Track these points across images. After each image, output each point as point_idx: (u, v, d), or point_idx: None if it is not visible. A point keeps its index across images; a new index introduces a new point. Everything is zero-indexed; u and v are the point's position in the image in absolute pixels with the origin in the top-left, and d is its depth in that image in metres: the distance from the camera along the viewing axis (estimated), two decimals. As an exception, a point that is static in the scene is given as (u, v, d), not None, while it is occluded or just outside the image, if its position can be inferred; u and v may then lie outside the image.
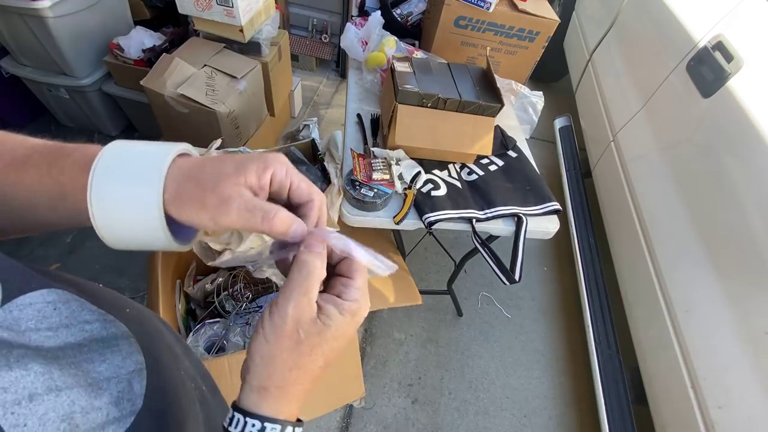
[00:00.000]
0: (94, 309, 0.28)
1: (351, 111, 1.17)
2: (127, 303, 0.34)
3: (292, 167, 0.31)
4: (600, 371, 1.25)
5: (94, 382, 0.24)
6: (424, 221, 0.91)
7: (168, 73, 1.38)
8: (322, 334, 0.30)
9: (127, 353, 0.28)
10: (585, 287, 1.44)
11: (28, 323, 0.23)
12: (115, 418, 0.24)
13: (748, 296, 0.92)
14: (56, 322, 0.25)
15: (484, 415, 1.37)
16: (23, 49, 1.51)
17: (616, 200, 1.48)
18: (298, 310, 0.29)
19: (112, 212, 0.27)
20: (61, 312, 0.26)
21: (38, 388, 0.21)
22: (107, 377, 0.25)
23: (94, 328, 0.27)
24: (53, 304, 0.25)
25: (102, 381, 0.25)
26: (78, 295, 0.28)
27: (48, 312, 0.25)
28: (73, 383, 0.23)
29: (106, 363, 0.26)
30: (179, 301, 1.05)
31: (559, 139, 2.00)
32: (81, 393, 0.23)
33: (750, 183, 0.97)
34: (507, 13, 1.20)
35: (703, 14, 1.31)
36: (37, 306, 0.24)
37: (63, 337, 0.25)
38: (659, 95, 1.37)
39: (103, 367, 0.26)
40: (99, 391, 0.24)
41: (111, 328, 0.28)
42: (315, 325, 0.29)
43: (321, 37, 2.35)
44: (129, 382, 0.27)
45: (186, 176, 0.28)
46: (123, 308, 0.32)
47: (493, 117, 1.00)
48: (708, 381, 0.94)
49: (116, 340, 0.28)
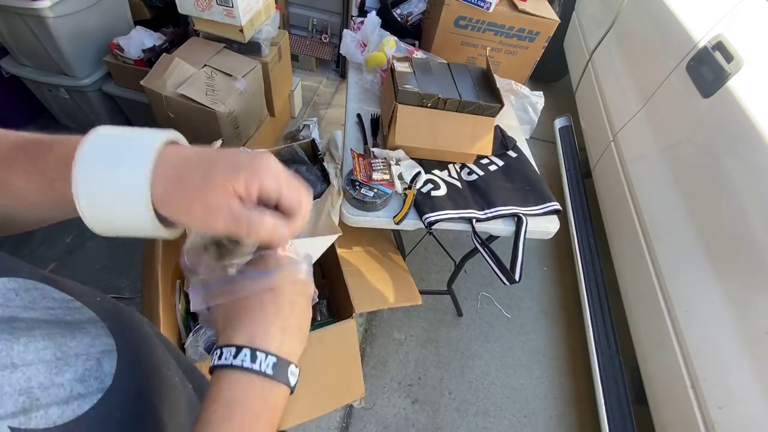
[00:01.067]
0: (58, 296, 0.28)
1: (351, 111, 1.17)
2: (99, 294, 0.34)
3: (283, 174, 0.30)
4: (600, 371, 1.25)
5: (63, 357, 0.25)
6: (424, 221, 0.91)
7: (168, 73, 1.38)
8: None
9: (95, 335, 0.28)
10: (585, 287, 1.44)
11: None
12: (80, 394, 0.25)
13: (748, 296, 0.92)
14: (20, 304, 0.25)
15: (484, 415, 1.37)
16: (23, 49, 1.51)
17: (616, 200, 1.48)
18: None
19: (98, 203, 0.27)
20: (23, 298, 0.26)
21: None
22: (77, 353, 0.26)
23: (57, 314, 0.27)
24: (14, 291, 0.26)
25: (71, 357, 0.25)
26: (43, 282, 0.28)
27: (11, 296, 0.25)
28: (33, 359, 0.23)
29: (75, 340, 0.27)
30: (179, 301, 1.05)
31: (559, 139, 2.00)
32: (40, 369, 0.23)
33: (750, 183, 0.97)
34: (507, 13, 1.20)
35: (703, 14, 1.31)
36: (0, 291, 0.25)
37: (32, 315, 0.25)
38: (659, 95, 1.37)
39: (73, 343, 0.26)
40: (64, 367, 0.25)
41: (76, 315, 0.29)
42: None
43: (321, 37, 2.35)
44: (98, 360, 0.27)
45: (174, 176, 0.27)
46: (93, 297, 0.32)
47: (493, 117, 1.00)
48: (708, 381, 0.94)
49: (82, 324, 0.28)
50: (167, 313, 0.95)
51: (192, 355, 0.97)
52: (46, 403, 0.23)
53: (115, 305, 0.35)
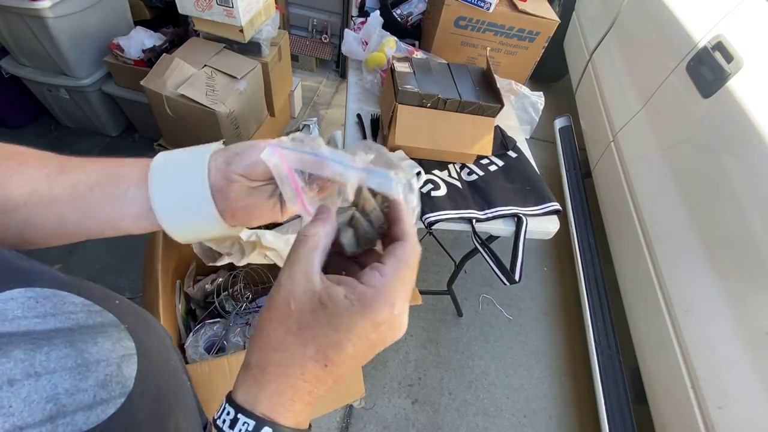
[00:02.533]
0: (78, 301, 0.29)
1: (351, 111, 1.17)
2: (117, 297, 0.34)
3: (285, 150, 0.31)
4: (600, 371, 1.25)
5: (84, 363, 0.25)
6: (424, 221, 0.91)
7: (168, 73, 1.38)
8: (316, 313, 0.25)
9: (117, 339, 0.28)
10: (585, 287, 1.44)
11: (15, 312, 0.24)
12: (103, 399, 0.25)
13: (748, 296, 0.92)
14: (42, 311, 0.26)
15: (484, 415, 1.37)
16: (23, 49, 1.51)
17: (616, 200, 1.48)
18: (291, 280, 0.26)
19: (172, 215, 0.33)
20: (44, 305, 0.26)
21: (17, 374, 0.21)
22: (97, 359, 0.26)
23: (79, 318, 0.27)
24: (34, 299, 0.26)
25: (91, 363, 0.25)
26: (60, 289, 0.28)
27: (30, 305, 0.25)
28: (56, 367, 0.23)
29: (97, 346, 0.27)
30: (179, 301, 1.05)
31: (559, 139, 2.00)
32: (64, 376, 0.23)
33: (750, 183, 0.97)
34: (507, 14, 1.20)
35: (703, 14, 1.31)
36: (20, 300, 0.25)
37: (53, 323, 0.26)
38: (659, 95, 1.37)
39: (94, 349, 0.26)
40: (87, 373, 0.25)
41: (97, 318, 0.29)
42: (310, 301, 0.25)
43: (321, 37, 2.35)
44: (118, 365, 0.27)
45: (230, 149, 0.34)
46: (112, 300, 0.32)
47: (493, 117, 1.00)
48: (708, 381, 0.94)
49: (104, 327, 0.29)
50: (167, 313, 0.95)
51: (192, 355, 0.97)
52: (72, 409, 0.23)
53: (133, 308, 0.35)
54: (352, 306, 0.25)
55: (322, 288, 0.25)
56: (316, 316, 0.25)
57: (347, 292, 0.25)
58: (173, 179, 0.33)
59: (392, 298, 0.25)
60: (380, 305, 0.25)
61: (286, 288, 0.26)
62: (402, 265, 0.26)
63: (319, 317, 0.25)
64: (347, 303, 0.25)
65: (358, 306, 0.25)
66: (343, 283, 0.26)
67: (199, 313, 1.11)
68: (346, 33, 1.30)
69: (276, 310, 0.26)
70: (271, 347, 0.26)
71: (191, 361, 0.94)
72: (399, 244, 0.28)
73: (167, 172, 0.33)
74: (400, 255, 0.27)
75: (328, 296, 0.25)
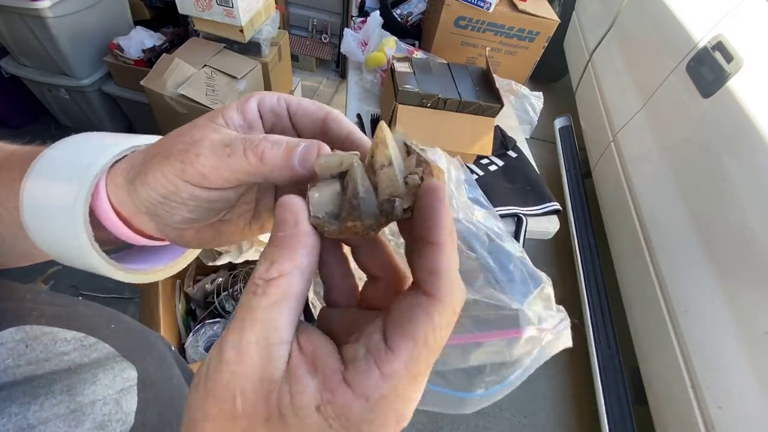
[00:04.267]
0: (70, 336, 0.27)
1: (351, 111, 1.17)
2: (112, 318, 0.32)
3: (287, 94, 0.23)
4: (600, 371, 1.25)
5: (78, 408, 0.24)
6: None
7: (168, 73, 1.39)
8: (273, 427, 0.15)
9: (117, 372, 0.28)
10: (585, 287, 1.44)
11: (6, 361, 0.23)
12: None
13: (748, 296, 0.92)
14: (34, 357, 0.24)
15: (484, 415, 1.37)
16: (23, 49, 1.51)
17: (616, 200, 1.48)
18: (240, 354, 0.15)
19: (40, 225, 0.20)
20: (35, 348, 0.25)
21: (10, 429, 0.21)
22: (92, 401, 0.25)
23: (73, 357, 0.26)
24: (23, 342, 0.24)
25: (86, 405, 0.25)
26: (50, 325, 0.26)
27: (21, 350, 0.24)
28: (49, 416, 0.23)
29: (96, 384, 0.26)
30: (179, 301, 1.05)
31: (559, 139, 2.00)
32: (58, 424, 0.23)
33: (750, 183, 0.97)
34: (507, 14, 1.20)
35: (703, 14, 1.31)
36: (9, 345, 0.24)
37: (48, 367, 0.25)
38: (659, 95, 1.37)
39: (90, 390, 0.25)
40: (81, 418, 0.24)
41: (93, 354, 0.27)
42: (264, 403, 0.15)
43: (321, 38, 2.35)
44: (117, 402, 0.26)
45: (143, 151, 0.21)
46: (107, 326, 0.30)
47: (493, 117, 1.00)
48: (708, 381, 0.94)
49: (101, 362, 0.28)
50: (167, 313, 0.96)
51: (192, 355, 0.97)
52: None
53: (129, 328, 0.33)
54: (329, 431, 0.14)
55: (284, 381, 0.15)
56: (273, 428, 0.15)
57: (323, 398, 0.14)
58: (46, 225, 0.21)
59: (395, 416, 0.15)
60: (375, 430, 0.14)
61: (231, 368, 0.15)
62: (422, 352, 0.14)
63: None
64: (320, 423, 0.14)
65: (358, 410, 0.14)
66: (321, 368, 0.15)
67: (199, 313, 1.11)
68: (346, 33, 1.30)
69: (215, 401, 0.15)
70: None
71: (191, 361, 0.94)
72: (426, 302, 0.15)
73: (38, 217, 0.21)
74: (423, 329, 0.14)
75: (291, 405, 0.14)
